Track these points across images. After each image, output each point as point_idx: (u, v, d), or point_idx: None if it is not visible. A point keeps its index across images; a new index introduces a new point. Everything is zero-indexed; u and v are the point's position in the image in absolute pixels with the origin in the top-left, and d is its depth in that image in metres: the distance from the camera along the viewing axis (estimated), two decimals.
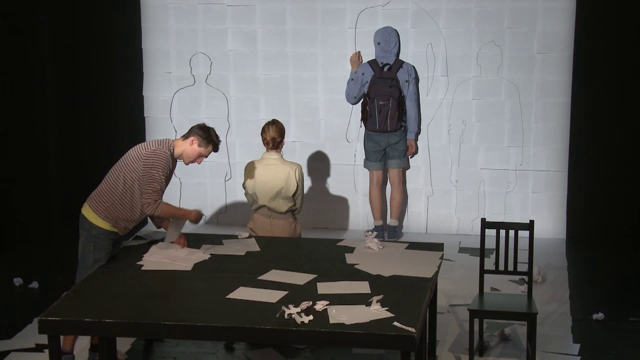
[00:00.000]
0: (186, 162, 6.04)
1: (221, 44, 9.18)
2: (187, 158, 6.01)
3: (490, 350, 6.41)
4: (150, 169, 5.81)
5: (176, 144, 5.98)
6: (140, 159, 5.86)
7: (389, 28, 8.76)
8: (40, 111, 8.90)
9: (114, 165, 6.00)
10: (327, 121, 9.20)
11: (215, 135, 6.02)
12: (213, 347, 6.40)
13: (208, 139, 5.97)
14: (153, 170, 5.81)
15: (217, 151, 6.10)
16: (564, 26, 8.69)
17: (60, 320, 5.00)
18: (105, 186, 5.94)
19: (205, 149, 5.98)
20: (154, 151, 5.87)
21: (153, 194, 5.82)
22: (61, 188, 9.02)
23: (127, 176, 5.86)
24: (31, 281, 7.75)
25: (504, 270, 6.31)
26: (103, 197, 5.91)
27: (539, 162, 8.96)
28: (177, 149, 5.97)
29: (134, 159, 5.89)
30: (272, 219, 6.82)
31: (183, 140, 5.99)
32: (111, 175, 5.95)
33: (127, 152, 5.99)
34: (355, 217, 9.32)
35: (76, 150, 9.18)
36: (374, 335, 4.79)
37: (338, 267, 5.84)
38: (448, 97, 8.98)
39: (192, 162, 6.05)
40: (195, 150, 5.97)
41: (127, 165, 5.89)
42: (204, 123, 6.11)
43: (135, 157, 5.90)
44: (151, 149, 5.89)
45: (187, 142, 5.97)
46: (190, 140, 5.96)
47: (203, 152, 5.99)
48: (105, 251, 5.92)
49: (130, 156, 5.93)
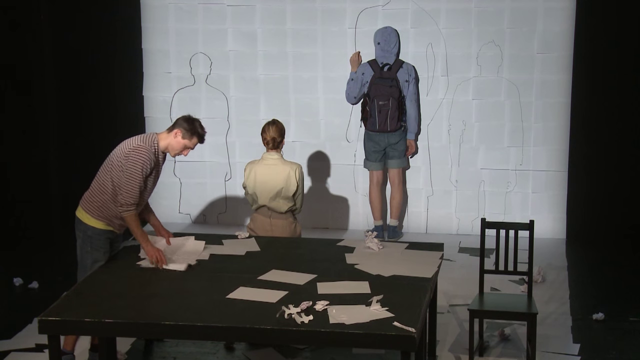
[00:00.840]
0: (172, 155, 5.92)
1: (221, 44, 9.18)
2: (172, 151, 5.88)
3: (490, 350, 6.41)
4: (132, 167, 5.71)
5: (160, 137, 5.87)
6: (122, 156, 5.78)
7: (389, 28, 8.76)
8: (41, 111, 8.91)
9: (102, 164, 5.92)
10: (327, 121, 9.20)
11: (200, 126, 5.89)
12: (213, 347, 6.40)
13: (192, 131, 5.85)
14: (133, 173, 5.71)
15: (202, 142, 5.95)
16: (564, 26, 8.69)
17: (60, 320, 5.00)
18: (95, 186, 5.89)
19: (190, 141, 5.86)
20: (135, 148, 5.76)
21: (130, 197, 5.73)
22: (61, 188, 9.03)
23: (114, 174, 5.79)
24: (31, 281, 7.75)
25: (504, 270, 6.31)
26: (94, 197, 5.87)
27: (539, 162, 8.96)
28: (162, 142, 5.86)
29: (118, 157, 5.80)
30: (272, 219, 6.82)
31: (167, 133, 5.88)
32: (100, 175, 5.89)
33: (113, 150, 5.90)
34: (355, 217, 9.32)
35: (76, 150, 9.18)
36: (374, 335, 4.79)
37: (338, 267, 5.84)
38: (448, 97, 8.98)
39: (178, 155, 5.93)
40: (180, 142, 5.85)
41: (113, 164, 5.81)
42: (189, 115, 5.97)
43: (119, 154, 5.81)
44: (133, 145, 5.78)
45: (171, 135, 5.85)
46: (174, 133, 5.84)
47: (188, 144, 5.87)
48: (102, 250, 5.90)
49: (116, 154, 5.85)
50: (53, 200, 9.00)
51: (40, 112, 8.91)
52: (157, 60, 9.30)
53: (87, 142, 9.23)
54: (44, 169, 8.98)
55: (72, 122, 9.19)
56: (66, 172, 9.06)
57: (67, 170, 9.08)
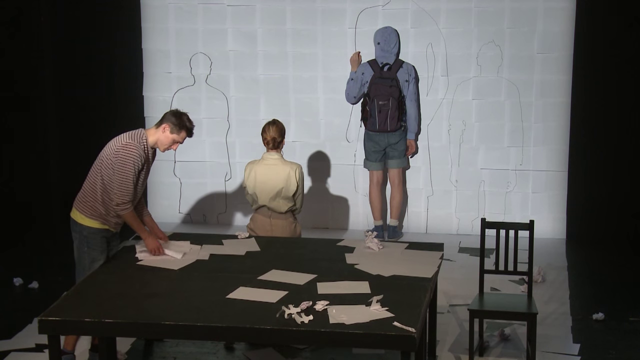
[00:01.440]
0: (162, 150, 5.91)
1: (221, 44, 9.18)
2: (161, 145, 5.87)
3: (490, 350, 6.41)
4: (122, 165, 5.71)
5: (149, 133, 5.86)
6: (112, 153, 5.77)
7: (389, 28, 8.77)
8: (41, 111, 8.91)
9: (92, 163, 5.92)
10: (327, 121, 9.20)
11: (188, 120, 5.87)
12: (213, 347, 6.40)
13: (180, 125, 5.83)
14: (124, 171, 5.71)
15: (191, 136, 5.94)
16: (564, 26, 8.69)
17: (60, 320, 5.00)
18: (87, 186, 5.89)
19: (179, 135, 5.85)
20: (124, 146, 5.76)
21: (125, 196, 5.74)
22: (61, 188, 9.03)
23: (104, 173, 5.78)
24: (31, 281, 7.74)
25: (504, 270, 6.31)
26: (86, 197, 5.87)
27: (539, 162, 8.96)
28: (151, 138, 5.85)
29: (108, 155, 5.80)
30: (272, 219, 6.82)
31: (156, 128, 5.87)
32: (90, 175, 5.89)
33: (103, 148, 5.89)
34: (355, 217, 9.32)
35: (76, 150, 9.18)
36: (374, 335, 4.79)
37: (338, 267, 5.84)
38: (448, 97, 8.98)
39: (167, 149, 5.92)
40: (168, 137, 5.84)
41: (103, 162, 5.81)
42: (177, 109, 5.96)
43: (108, 152, 5.81)
44: (122, 143, 5.78)
45: (159, 130, 5.84)
46: (163, 128, 5.83)
47: (176, 139, 5.86)
48: (99, 249, 5.89)
49: (105, 152, 5.84)
50: (53, 201, 9.00)
51: (40, 112, 8.90)
52: (157, 60, 9.30)
53: (87, 142, 9.21)
54: (44, 169, 8.97)
55: (72, 122, 9.19)
56: (66, 172, 9.06)
57: (67, 170, 9.08)
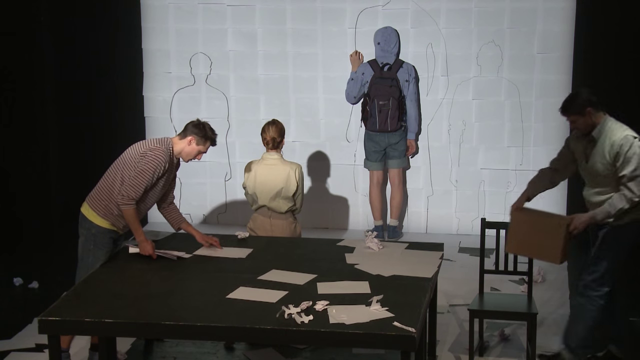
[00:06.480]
0: (186, 160, 6.07)
1: (221, 44, 9.18)
2: (186, 156, 6.03)
3: (490, 350, 6.41)
4: (144, 165, 5.80)
5: (174, 142, 5.99)
6: (137, 156, 5.87)
7: (389, 28, 8.77)
8: (41, 111, 8.90)
9: (112, 162, 5.99)
10: (327, 121, 9.20)
11: (210, 130, 6.02)
12: (213, 347, 6.40)
13: (205, 137, 5.99)
14: (145, 170, 5.80)
15: (215, 145, 6.10)
16: (564, 26, 8.70)
17: (60, 320, 5.00)
18: (104, 184, 5.93)
19: (204, 146, 6.02)
20: (153, 149, 5.87)
21: (132, 192, 5.79)
22: (61, 188, 9.03)
23: (124, 174, 5.85)
24: (31, 281, 7.75)
25: (504, 270, 6.31)
26: (102, 195, 5.91)
27: (539, 162, 8.94)
28: (176, 147, 5.98)
29: (131, 157, 5.88)
30: (272, 219, 6.82)
31: (180, 139, 5.99)
32: (110, 173, 5.94)
33: (126, 150, 5.98)
34: (355, 217, 9.32)
35: (76, 150, 9.18)
36: (374, 335, 4.78)
37: (338, 267, 5.84)
38: (448, 97, 8.98)
39: (191, 160, 6.08)
40: (195, 149, 6.00)
41: (125, 163, 5.88)
42: (198, 119, 6.08)
43: (133, 154, 5.89)
44: (150, 146, 5.90)
45: (185, 142, 5.98)
46: (188, 140, 5.97)
47: (202, 150, 6.03)
48: (105, 250, 5.92)
49: (129, 154, 5.92)
50: (53, 201, 9.00)
51: (40, 112, 8.90)
52: (157, 60, 9.30)
53: (87, 142, 9.23)
54: (45, 169, 8.97)
55: (72, 122, 9.18)
56: (66, 172, 9.06)
57: (67, 170, 9.08)
